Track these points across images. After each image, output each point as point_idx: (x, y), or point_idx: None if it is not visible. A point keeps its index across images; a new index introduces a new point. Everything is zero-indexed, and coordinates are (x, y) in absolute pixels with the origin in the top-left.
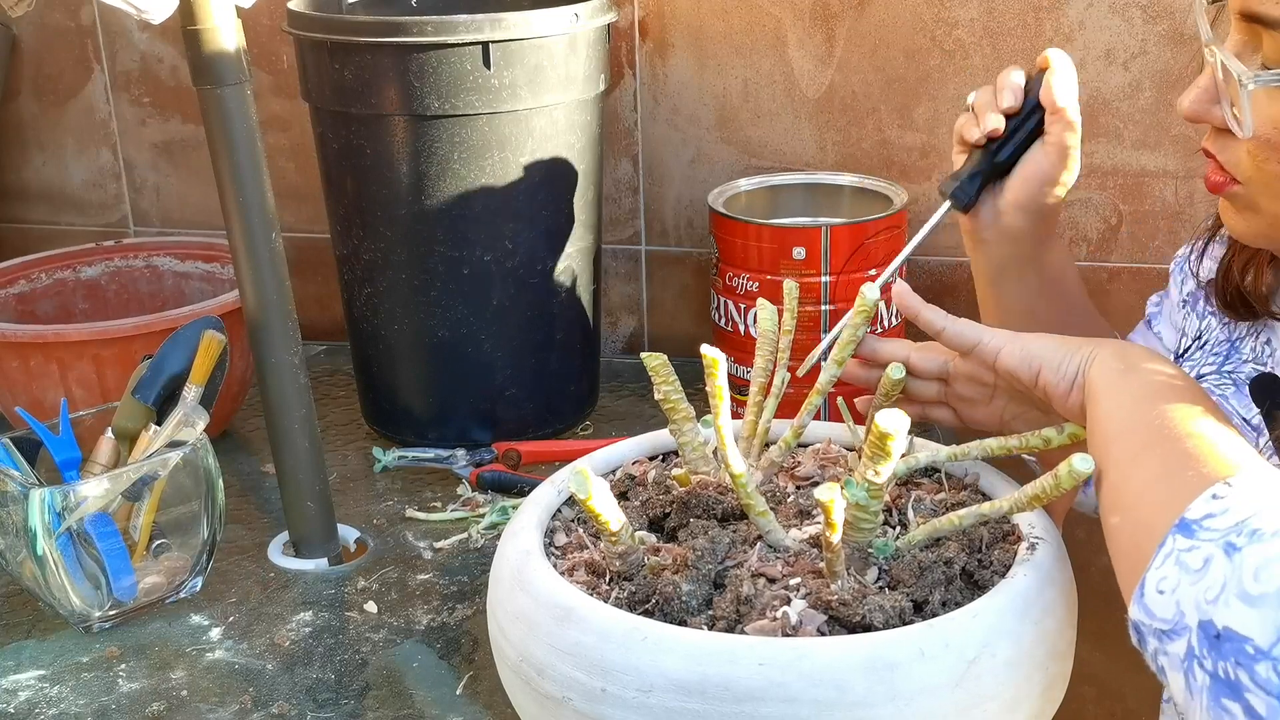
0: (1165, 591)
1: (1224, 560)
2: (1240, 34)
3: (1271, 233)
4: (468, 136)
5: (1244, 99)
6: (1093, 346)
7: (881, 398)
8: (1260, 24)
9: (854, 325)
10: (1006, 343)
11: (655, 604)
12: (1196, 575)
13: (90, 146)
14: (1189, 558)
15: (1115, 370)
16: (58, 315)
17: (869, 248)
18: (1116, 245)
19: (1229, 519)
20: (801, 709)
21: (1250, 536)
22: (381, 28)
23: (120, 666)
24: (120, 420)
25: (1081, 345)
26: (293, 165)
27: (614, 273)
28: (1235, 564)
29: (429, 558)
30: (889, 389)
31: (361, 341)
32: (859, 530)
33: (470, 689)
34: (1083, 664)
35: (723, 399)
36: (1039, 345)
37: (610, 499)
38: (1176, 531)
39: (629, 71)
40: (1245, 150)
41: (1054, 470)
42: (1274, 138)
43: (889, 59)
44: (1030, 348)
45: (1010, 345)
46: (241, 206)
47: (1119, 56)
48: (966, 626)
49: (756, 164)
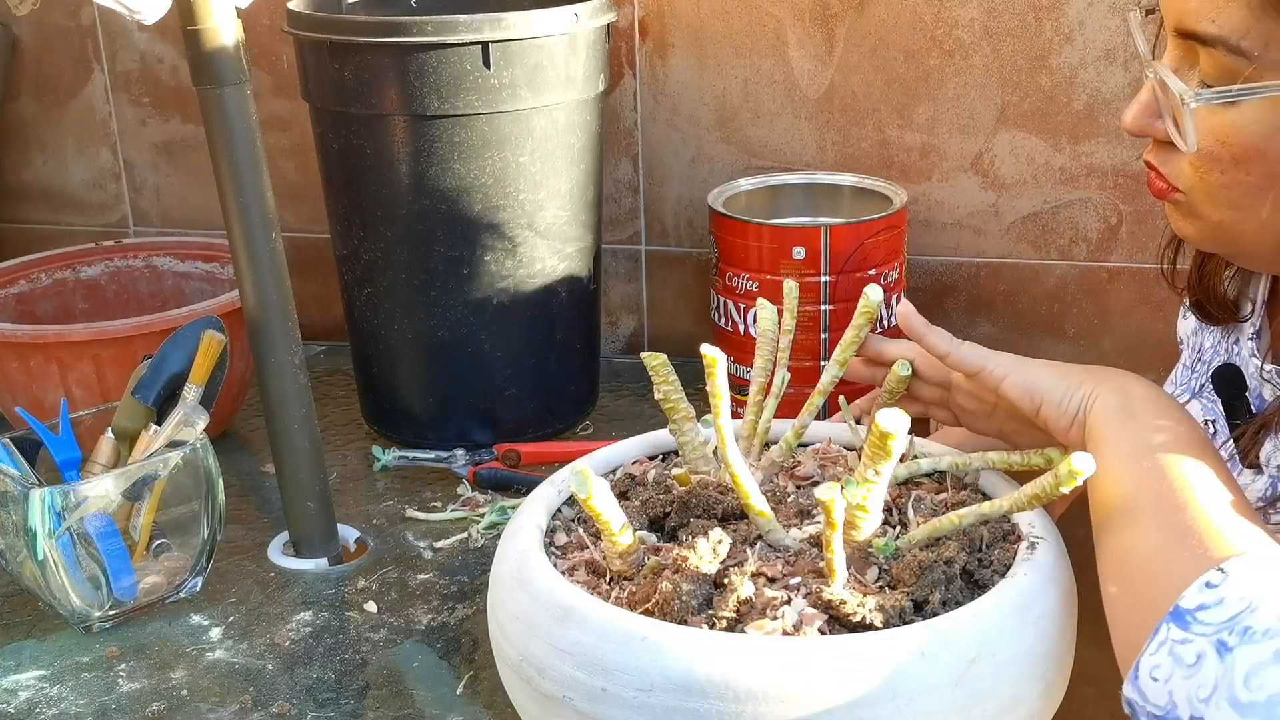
0: (1159, 680)
1: (1216, 660)
2: (1177, 49)
3: (1217, 236)
4: (468, 136)
5: (1186, 116)
6: (1094, 384)
7: (886, 395)
8: (1196, 41)
9: (857, 326)
10: (1010, 372)
11: (655, 604)
12: (1190, 670)
13: (90, 146)
14: (1183, 650)
15: (1116, 415)
16: (58, 315)
17: (869, 248)
18: (1116, 245)
19: (1223, 612)
20: (802, 709)
21: (1242, 635)
22: (381, 28)
23: (120, 666)
24: (120, 420)
25: (1084, 381)
26: (293, 165)
27: (614, 273)
28: (1227, 665)
29: (429, 558)
30: (894, 385)
31: (361, 341)
32: (859, 529)
33: (470, 689)
34: (1083, 664)
35: (722, 399)
36: (1041, 377)
37: (610, 499)
38: (1171, 620)
39: (629, 71)
40: (1188, 162)
41: (1054, 470)
42: (1216, 150)
43: (889, 59)
44: (1033, 380)
45: (1014, 376)
46: (241, 206)
47: (1119, 56)
48: (966, 626)
49: (756, 164)
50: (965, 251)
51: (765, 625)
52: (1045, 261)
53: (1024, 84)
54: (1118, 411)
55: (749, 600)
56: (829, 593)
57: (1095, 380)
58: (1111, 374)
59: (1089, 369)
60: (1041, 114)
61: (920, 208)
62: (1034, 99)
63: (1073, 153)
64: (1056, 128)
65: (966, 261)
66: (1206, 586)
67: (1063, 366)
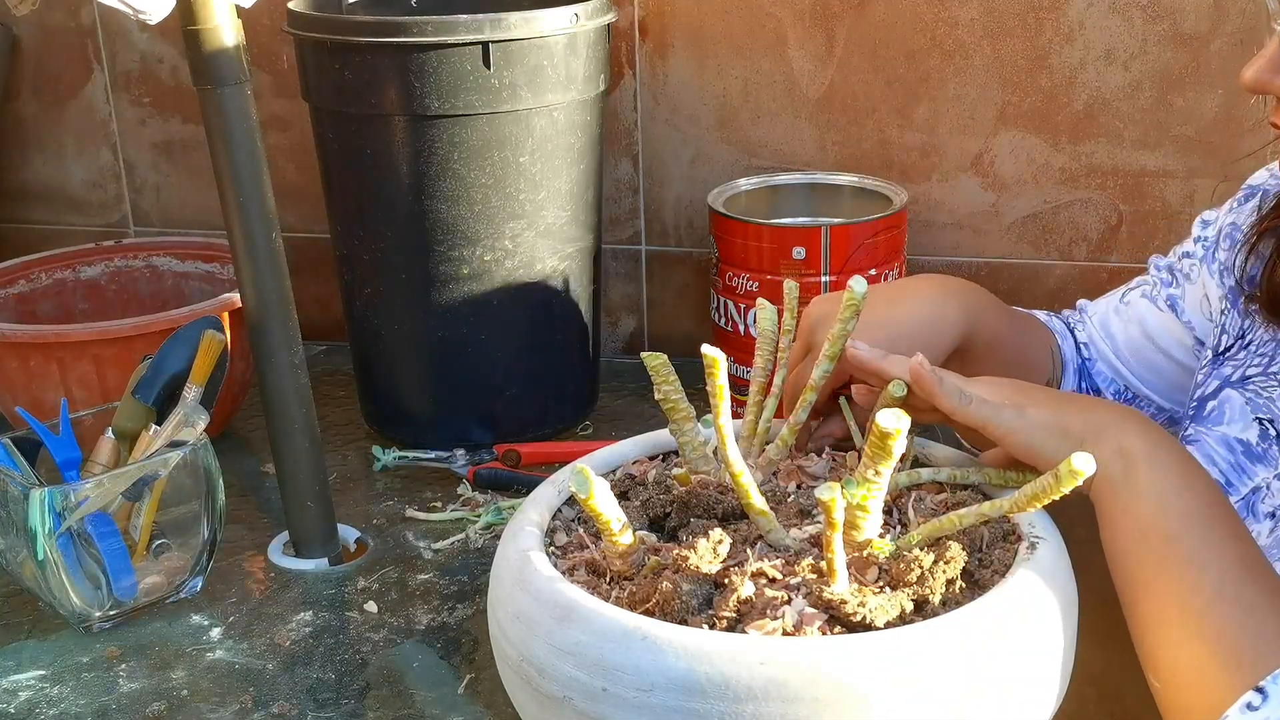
0: None
1: None
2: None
3: None
4: (468, 136)
5: None
6: (1093, 446)
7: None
8: None
9: (843, 320)
10: (1010, 432)
11: (656, 603)
12: None
13: (90, 146)
14: None
15: (1120, 487)
16: (58, 315)
17: (869, 248)
18: (1116, 245)
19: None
20: (802, 708)
21: None
22: (381, 28)
23: (120, 666)
24: (120, 420)
25: (1083, 443)
26: (293, 165)
27: (614, 273)
28: None
29: (429, 558)
30: (888, 403)
31: (361, 341)
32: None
33: (471, 689)
34: (1083, 664)
35: (723, 399)
36: (1039, 439)
37: (611, 498)
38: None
39: (629, 71)
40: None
41: (1054, 470)
42: None
43: (889, 59)
44: (1031, 442)
45: (1015, 436)
46: (241, 206)
47: (1119, 56)
48: (966, 627)
49: (756, 164)
50: (965, 252)
51: (766, 625)
52: (1045, 261)
53: (1024, 84)
54: (1120, 482)
55: (749, 600)
56: (829, 592)
57: (1095, 443)
58: (1110, 429)
59: (1090, 419)
60: (1041, 114)
61: (920, 208)
62: (1034, 99)
63: (1073, 153)
64: (1056, 128)
65: (966, 262)
66: (1248, 708)
67: (1062, 421)
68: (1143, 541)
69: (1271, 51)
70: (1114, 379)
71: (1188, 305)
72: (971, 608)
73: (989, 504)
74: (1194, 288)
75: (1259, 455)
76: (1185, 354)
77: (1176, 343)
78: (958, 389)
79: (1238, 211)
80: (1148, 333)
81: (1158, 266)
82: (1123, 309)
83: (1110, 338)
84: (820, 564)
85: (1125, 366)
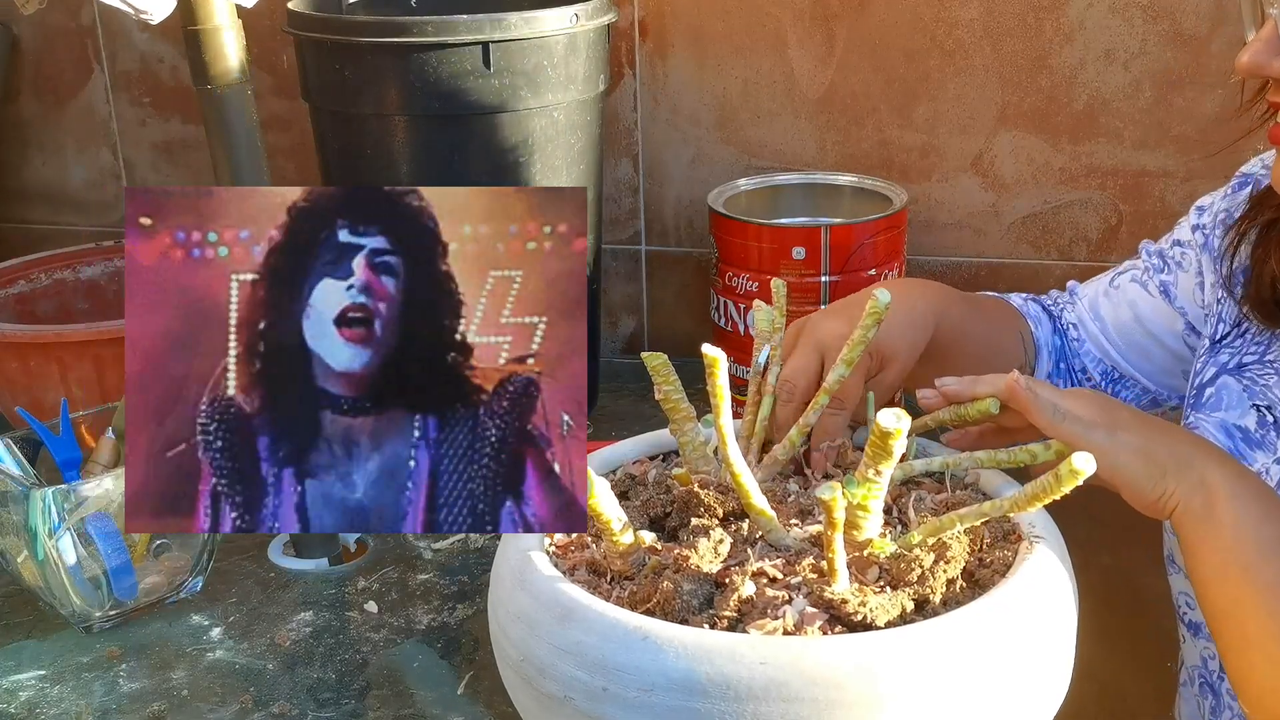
0: None
1: None
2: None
3: None
4: (468, 136)
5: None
6: (1175, 479)
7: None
8: None
9: (864, 327)
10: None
11: (656, 603)
12: None
13: (90, 146)
14: None
15: (1200, 520)
16: (58, 315)
17: (869, 248)
18: (1116, 245)
19: None
20: (802, 708)
21: None
22: (381, 28)
23: (121, 666)
24: (120, 420)
25: (1166, 473)
26: (293, 165)
27: (614, 273)
28: None
29: (429, 558)
30: (976, 417)
31: None
32: (860, 529)
33: (471, 688)
34: (1083, 663)
35: (723, 398)
36: (1123, 463)
37: (611, 498)
38: None
39: (629, 71)
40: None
41: (1054, 470)
42: None
43: (889, 59)
44: (1119, 464)
45: (1103, 458)
46: None
47: (1119, 56)
48: (967, 626)
49: (756, 164)
50: (965, 251)
51: (766, 625)
52: (1045, 261)
53: (1024, 84)
54: (1202, 514)
55: (750, 599)
56: (830, 592)
57: (1178, 474)
58: (1194, 461)
59: (1175, 450)
60: (1041, 114)
61: (920, 208)
62: (1034, 99)
63: (1073, 153)
64: (1056, 128)
65: (967, 262)
66: None
67: (1149, 448)
68: (1224, 571)
69: (1267, 34)
70: (1102, 359)
71: (1180, 292)
72: (972, 607)
73: (989, 504)
74: (1186, 275)
75: (1258, 441)
76: (1175, 339)
77: (1166, 328)
78: (1052, 404)
79: (1231, 199)
80: (1138, 317)
81: (1149, 252)
82: (1113, 292)
83: (1100, 319)
84: (821, 563)
85: (1114, 349)
